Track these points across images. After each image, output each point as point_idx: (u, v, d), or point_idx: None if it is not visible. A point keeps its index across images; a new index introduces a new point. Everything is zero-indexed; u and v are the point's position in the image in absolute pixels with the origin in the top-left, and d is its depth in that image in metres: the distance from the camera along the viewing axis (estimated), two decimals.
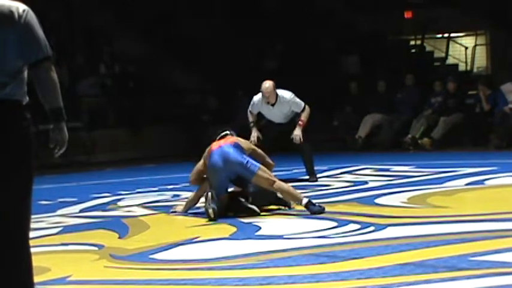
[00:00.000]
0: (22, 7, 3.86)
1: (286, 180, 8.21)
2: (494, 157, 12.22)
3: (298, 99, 10.22)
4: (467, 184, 9.18)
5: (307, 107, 10.20)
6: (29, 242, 3.92)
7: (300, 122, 10.08)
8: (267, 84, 10.11)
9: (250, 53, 18.82)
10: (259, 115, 10.48)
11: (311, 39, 19.36)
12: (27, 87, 3.92)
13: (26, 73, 3.90)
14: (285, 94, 10.21)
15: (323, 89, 17.26)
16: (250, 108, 10.38)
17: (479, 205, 7.62)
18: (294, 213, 7.60)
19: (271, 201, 7.85)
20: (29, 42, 3.84)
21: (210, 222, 7.36)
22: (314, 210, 7.36)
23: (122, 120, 17.07)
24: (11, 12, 3.81)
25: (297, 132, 10.05)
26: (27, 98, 3.92)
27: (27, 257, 3.89)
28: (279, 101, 10.16)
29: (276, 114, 10.30)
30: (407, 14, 21.12)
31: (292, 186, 8.05)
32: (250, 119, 10.38)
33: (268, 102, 10.15)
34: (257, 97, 10.27)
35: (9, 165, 3.84)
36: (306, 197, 7.65)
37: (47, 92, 3.89)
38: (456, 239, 5.74)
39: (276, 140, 10.25)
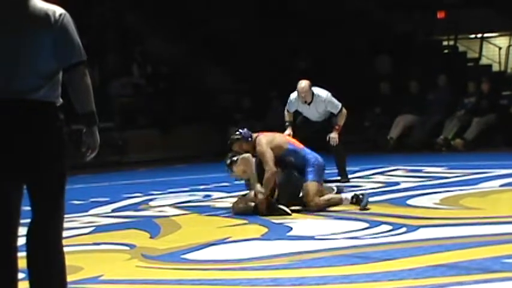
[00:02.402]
0: (59, 11, 3.90)
1: None
2: None
3: (334, 99, 10.19)
4: (501, 186, 9.10)
5: (343, 109, 10.17)
6: (62, 241, 3.95)
7: (336, 127, 10.06)
8: (303, 83, 10.08)
9: (282, 53, 18.81)
10: (296, 113, 10.46)
11: (343, 39, 19.30)
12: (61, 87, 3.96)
13: (60, 76, 3.93)
14: (321, 93, 10.18)
15: (354, 89, 17.21)
16: (287, 107, 10.36)
17: None
18: (325, 214, 7.58)
19: (295, 193, 7.86)
20: (64, 45, 3.88)
21: (242, 222, 7.36)
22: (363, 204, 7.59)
23: (154, 121, 17.13)
24: (47, 15, 3.85)
25: (334, 135, 10.02)
26: (61, 100, 3.96)
27: (61, 256, 3.92)
28: (314, 100, 10.12)
29: (312, 113, 10.28)
30: (440, 14, 20.99)
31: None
32: (287, 118, 10.35)
33: (304, 102, 10.13)
34: (293, 95, 10.25)
35: (43, 166, 3.88)
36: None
37: (79, 96, 3.93)
38: (489, 241, 5.69)
39: (308, 140, 10.23)
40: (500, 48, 20.15)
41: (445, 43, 21.09)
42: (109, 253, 6.37)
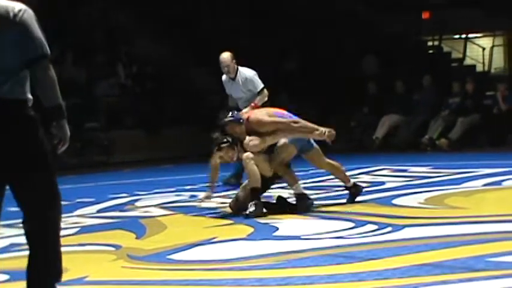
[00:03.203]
0: (19, 7, 3.92)
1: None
2: (511, 158, 12.18)
3: (258, 79, 10.16)
4: (484, 185, 9.15)
5: (265, 91, 10.14)
6: (59, 242, 3.97)
7: (252, 104, 9.94)
8: (225, 54, 10.17)
9: (270, 53, 18.82)
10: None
11: (331, 39, 19.34)
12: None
13: (26, 72, 3.95)
14: (245, 70, 10.21)
15: (342, 89, 17.26)
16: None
17: (497, 206, 7.59)
18: (311, 213, 7.60)
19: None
20: (25, 41, 3.90)
21: (228, 223, 7.38)
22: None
23: (140, 121, 17.11)
24: (7, 12, 3.89)
25: (245, 110, 9.74)
26: (30, 96, 3.97)
27: (58, 256, 3.96)
28: (239, 76, 10.13)
29: (236, 90, 10.23)
30: (425, 15, 21.08)
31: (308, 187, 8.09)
32: (230, 103, 10.44)
33: (230, 78, 10.16)
34: (224, 75, 10.34)
35: (20, 164, 3.90)
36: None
37: (44, 90, 3.94)
38: (473, 240, 5.73)
39: None
40: (484, 49, 20.25)
41: (430, 43, 21.19)
42: (94, 254, 6.37)
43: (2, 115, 3.89)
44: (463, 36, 20.65)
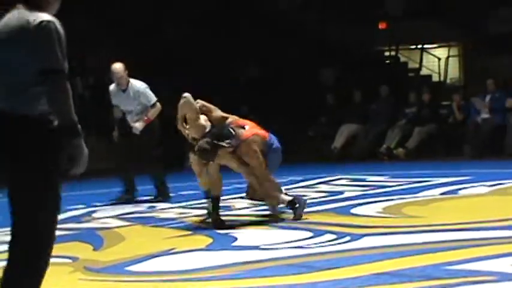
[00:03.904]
0: (41, 18, 3.81)
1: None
2: (468, 167, 12.30)
3: (150, 92, 10.02)
4: (441, 194, 9.23)
5: (158, 105, 10.07)
6: (45, 254, 4.00)
7: (145, 118, 9.91)
8: (118, 65, 9.96)
9: (231, 63, 18.83)
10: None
11: (287, 51, 19.41)
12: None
13: (39, 86, 3.81)
14: (137, 83, 10.04)
15: (299, 100, 17.32)
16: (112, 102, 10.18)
17: (454, 215, 7.65)
18: (270, 223, 7.60)
19: None
20: (38, 54, 3.78)
21: (186, 233, 7.34)
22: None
23: (96, 131, 16.98)
24: (28, 23, 3.79)
25: (138, 125, 9.87)
26: (39, 110, 3.81)
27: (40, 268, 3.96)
28: (130, 88, 9.95)
29: (126, 102, 10.02)
30: (382, 25, 21.25)
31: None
32: (114, 113, 10.34)
33: (120, 88, 9.95)
34: (112, 85, 10.13)
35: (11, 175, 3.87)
36: None
37: (54, 106, 3.78)
38: (431, 248, 5.76)
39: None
40: (439, 59, 20.46)
41: (386, 54, 21.36)
42: (51, 266, 6.23)
43: (10, 129, 3.80)
44: (419, 46, 20.85)
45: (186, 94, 7.76)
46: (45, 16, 3.83)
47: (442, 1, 20.05)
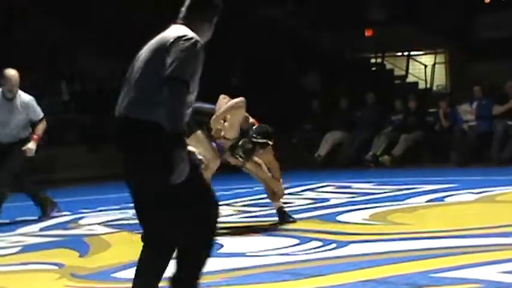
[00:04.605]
0: (181, 34, 4.01)
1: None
2: (454, 174, 12.33)
3: (38, 107, 9.41)
4: (427, 201, 9.25)
5: (44, 120, 9.44)
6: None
7: (35, 136, 9.25)
8: (13, 71, 9.23)
9: (212, 70, 18.83)
10: None
11: (272, 57, 19.43)
12: None
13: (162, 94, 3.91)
14: (25, 95, 9.34)
15: (283, 106, 17.32)
16: None
17: (440, 222, 7.67)
18: (256, 230, 7.60)
19: None
20: (164, 63, 3.91)
21: None
22: None
23: (82, 138, 16.96)
24: (167, 41, 4.00)
25: (32, 146, 9.19)
26: (159, 116, 3.90)
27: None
28: (18, 98, 9.24)
29: (9, 114, 9.17)
30: (368, 32, 21.32)
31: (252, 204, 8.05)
32: None
33: (8, 94, 9.17)
34: None
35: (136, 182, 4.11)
36: None
37: (168, 112, 3.86)
38: (417, 256, 5.77)
39: None
40: (426, 66, 20.53)
41: (372, 61, 21.41)
42: (37, 273, 6.27)
43: (133, 133, 3.97)
44: (406, 53, 20.92)
45: (242, 98, 7.77)
46: (192, 34, 4.02)
47: (428, 8, 20.14)
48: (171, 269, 4.20)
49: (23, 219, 9.57)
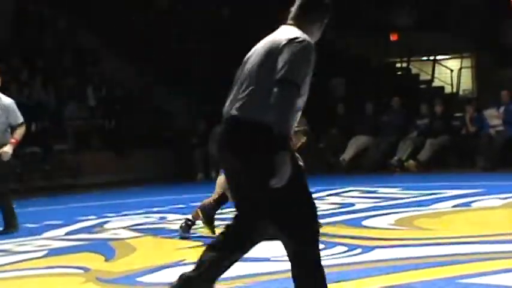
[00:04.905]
0: (298, 35, 4.00)
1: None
2: (480, 179, 12.25)
3: (19, 112, 8.88)
4: (454, 206, 9.19)
5: (24, 125, 8.94)
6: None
7: (13, 140, 8.76)
8: None
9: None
10: None
11: None
12: None
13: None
14: (5, 98, 8.92)
15: (309, 111, 17.27)
16: None
17: (466, 227, 7.62)
18: None
19: None
20: (275, 65, 3.91)
21: (197, 244, 7.33)
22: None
23: (108, 143, 17.03)
24: (279, 43, 3.98)
25: (8, 149, 8.68)
26: (268, 118, 3.88)
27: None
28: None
29: None
30: (393, 37, 21.24)
31: None
32: None
33: None
34: None
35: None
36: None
37: (275, 113, 3.85)
38: (443, 262, 5.73)
39: None
40: (452, 71, 20.42)
41: (398, 65, 21.33)
42: (63, 277, 6.30)
43: (242, 133, 3.97)
44: (431, 58, 20.82)
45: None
46: (304, 35, 4.01)
47: (454, 12, 20.03)
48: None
49: (48, 223, 9.62)
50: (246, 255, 6.58)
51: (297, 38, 3.98)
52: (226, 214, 9.25)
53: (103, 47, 19.21)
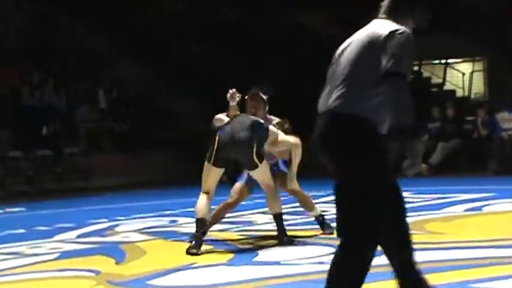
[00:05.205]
0: (397, 28, 4.02)
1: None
2: (492, 183, 12.21)
3: None
4: (465, 210, 9.16)
5: None
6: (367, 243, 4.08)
7: None
8: None
9: (248, 78, 18.85)
10: None
11: (308, 64, 19.39)
12: None
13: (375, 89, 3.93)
14: None
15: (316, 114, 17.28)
16: None
17: (477, 231, 7.60)
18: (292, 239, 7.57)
19: None
20: (383, 57, 3.91)
21: (208, 248, 7.33)
22: None
23: (119, 146, 17.06)
24: (378, 37, 3.98)
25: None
26: (369, 111, 3.91)
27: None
28: None
29: None
30: None
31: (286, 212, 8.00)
32: None
33: None
34: None
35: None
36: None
37: (392, 107, 3.90)
38: (455, 266, 5.72)
39: None
40: (463, 74, 20.37)
41: None
42: (74, 279, 6.31)
43: (340, 129, 3.98)
44: (443, 61, 20.78)
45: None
46: (401, 27, 4.03)
47: (465, 15, 19.98)
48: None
49: (60, 226, 9.64)
50: (256, 259, 6.60)
51: (397, 30, 3.99)
52: (236, 218, 9.26)
53: (114, 49, 19.25)
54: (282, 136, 7.52)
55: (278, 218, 7.40)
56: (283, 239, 7.29)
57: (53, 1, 19.09)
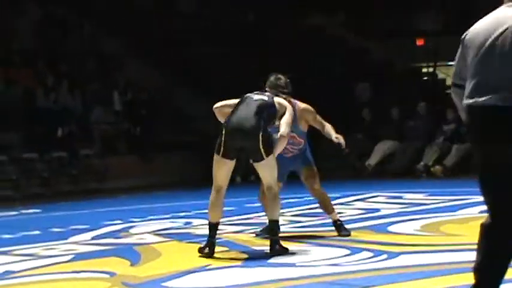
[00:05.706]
0: None
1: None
2: None
3: None
4: (480, 212, 9.11)
5: None
6: None
7: None
8: None
9: (261, 80, 18.86)
10: None
11: (323, 66, 19.40)
12: None
13: None
14: None
15: (334, 116, 17.26)
16: None
17: None
18: (306, 240, 7.57)
19: None
20: None
21: (222, 249, 7.34)
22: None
23: (134, 147, 17.09)
24: None
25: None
26: None
27: None
28: None
29: None
30: (419, 42, 21.17)
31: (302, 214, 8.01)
32: None
33: None
34: None
35: None
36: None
37: None
38: (470, 268, 5.69)
39: None
40: None
41: (424, 70, 21.25)
42: (89, 281, 6.33)
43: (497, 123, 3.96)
44: None
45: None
46: None
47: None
48: None
49: (75, 228, 9.66)
50: (271, 261, 6.59)
51: None
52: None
53: (128, 51, 19.29)
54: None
55: (273, 224, 7.08)
56: (275, 247, 6.93)
57: (68, 3, 19.14)
